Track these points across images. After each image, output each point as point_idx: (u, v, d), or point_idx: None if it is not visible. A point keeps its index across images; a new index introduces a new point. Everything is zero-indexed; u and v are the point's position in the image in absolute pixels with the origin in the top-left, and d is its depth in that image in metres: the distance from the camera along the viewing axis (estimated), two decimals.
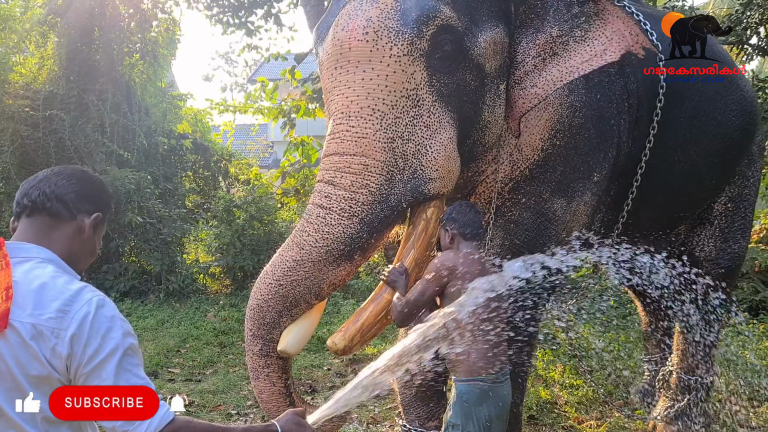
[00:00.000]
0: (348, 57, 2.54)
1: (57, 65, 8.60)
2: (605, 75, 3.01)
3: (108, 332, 1.33)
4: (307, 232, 2.52)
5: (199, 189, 11.02)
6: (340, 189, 2.50)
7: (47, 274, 1.38)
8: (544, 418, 4.23)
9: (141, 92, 9.66)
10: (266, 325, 2.55)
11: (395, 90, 2.50)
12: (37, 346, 1.29)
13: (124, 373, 1.33)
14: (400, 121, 2.51)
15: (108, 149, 8.45)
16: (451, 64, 2.60)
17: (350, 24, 2.53)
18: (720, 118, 3.47)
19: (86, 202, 1.52)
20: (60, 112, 8.12)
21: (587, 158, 2.97)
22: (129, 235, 8.54)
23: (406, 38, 2.49)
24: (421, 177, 2.53)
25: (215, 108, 11.42)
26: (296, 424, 1.58)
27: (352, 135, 2.50)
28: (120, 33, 9.16)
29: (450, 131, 2.60)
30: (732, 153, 3.62)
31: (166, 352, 5.88)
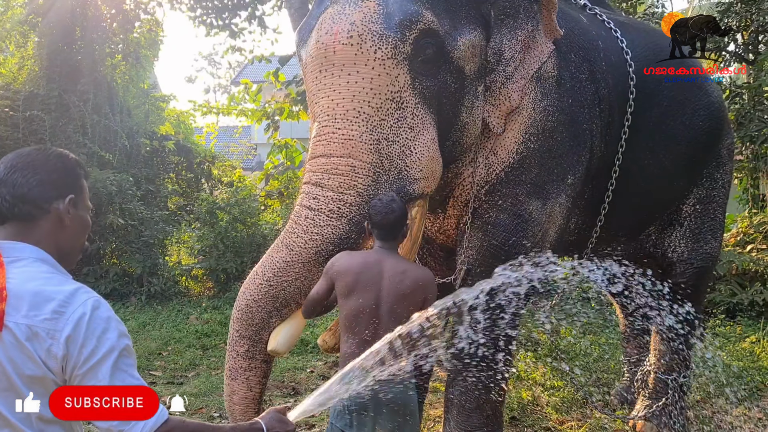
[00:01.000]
0: (333, 60, 2.57)
1: (38, 65, 8.53)
2: (576, 81, 3.10)
3: (104, 333, 1.32)
4: (296, 234, 2.55)
5: (182, 191, 10.96)
6: (328, 190, 2.53)
7: (41, 274, 1.37)
8: (526, 419, 4.26)
9: (123, 93, 9.60)
10: (255, 326, 2.56)
11: (380, 93, 2.55)
12: (32, 347, 1.29)
13: (120, 374, 1.33)
14: (385, 123, 2.56)
15: (89, 150, 8.38)
16: (433, 67, 2.66)
17: (334, 27, 2.56)
18: (688, 123, 3.58)
19: (53, 189, 1.44)
20: (40, 112, 8.05)
21: (561, 161, 3.05)
22: (110, 237, 8.47)
23: (390, 42, 2.53)
24: (406, 177, 2.58)
25: (198, 110, 11.36)
26: (279, 422, 1.60)
27: (339, 137, 2.54)
28: (102, 33, 9.10)
29: (432, 132, 2.66)
30: (699, 156, 3.72)
31: (147, 354, 5.84)
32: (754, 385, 4.97)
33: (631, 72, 3.33)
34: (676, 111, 3.55)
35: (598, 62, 3.21)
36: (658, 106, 3.46)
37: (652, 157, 3.48)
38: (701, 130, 3.64)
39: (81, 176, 1.52)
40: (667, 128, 3.52)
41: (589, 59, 3.17)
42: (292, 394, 4.87)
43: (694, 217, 3.88)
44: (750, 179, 8.54)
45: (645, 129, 3.39)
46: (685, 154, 3.63)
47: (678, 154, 3.59)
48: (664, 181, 3.62)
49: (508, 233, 2.96)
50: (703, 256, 3.92)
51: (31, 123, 8.01)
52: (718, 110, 3.80)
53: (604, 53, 3.26)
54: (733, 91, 7.68)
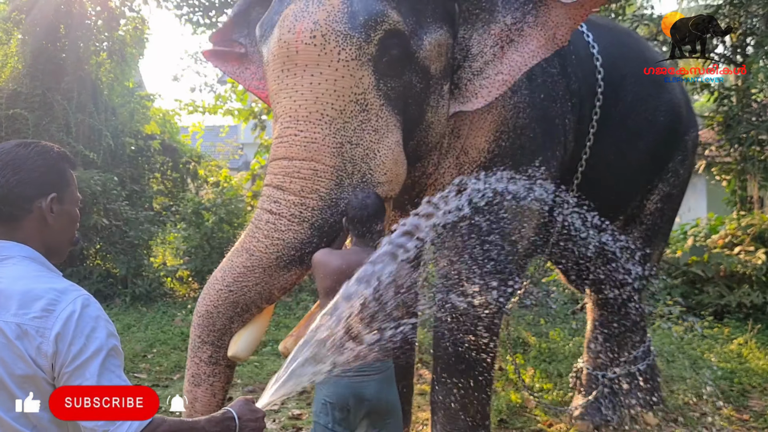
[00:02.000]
0: (295, 60, 2.51)
1: (21, 63, 8.41)
2: (548, 75, 3.08)
3: (92, 332, 1.33)
4: (257, 238, 2.51)
5: (167, 191, 10.85)
6: (290, 194, 2.49)
7: (30, 273, 1.38)
8: (515, 422, 4.23)
9: (108, 92, 9.49)
10: (216, 331, 2.51)
11: (344, 95, 2.50)
12: (22, 346, 1.29)
13: (108, 374, 1.33)
14: (349, 126, 2.52)
15: (73, 150, 8.25)
16: (398, 68, 2.62)
17: (297, 26, 2.50)
18: (651, 119, 3.65)
19: (34, 189, 1.42)
20: (23, 111, 7.94)
21: (534, 158, 3.02)
22: (94, 238, 8.37)
23: (354, 42, 2.48)
24: (370, 181, 2.54)
25: (184, 108, 11.24)
26: (249, 410, 1.61)
27: (301, 140, 2.49)
28: (87, 31, 8.99)
29: (397, 135, 2.62)
30: (662, 151, 3.79)
31: (132, 357, 5.76)
32: (741, 387, 4.98)
33: (599, 66, 3.35)
34: (638, 107, 3.60)
35: (569, 56, 3.20)
36: (622, 101, 3.49)
37: (617, 152, 3.52)
38: (663, 126, 3.71)
39: (65, 170, 1.50)
40: (631, 123, 3.56)
41: (559, 53, 3.12)
42: None
43: (653, 215, 3.96)
44: (738, 181, 8.58)
45: (611, 124, 3.41)
46: (648, 150, 3.68)
47: (641, 150, 3.64)
48: (628, 175, 3.67)
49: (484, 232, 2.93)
50: (647, 259, 3.93)
51: (14, 121, 7.90)
52: (679, 107, 3.87)
53: (572, 47, 3.24)
54: (722, 93, 7.69)
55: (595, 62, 3.35)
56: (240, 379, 5.15)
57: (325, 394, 2.46)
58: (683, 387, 4.94)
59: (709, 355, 5.77)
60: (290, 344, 2.46)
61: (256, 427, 1.61)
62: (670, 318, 6.81)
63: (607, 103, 3.36)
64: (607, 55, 3.41)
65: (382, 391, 2.51)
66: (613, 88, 3.40)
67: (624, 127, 3.52)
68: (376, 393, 2.49)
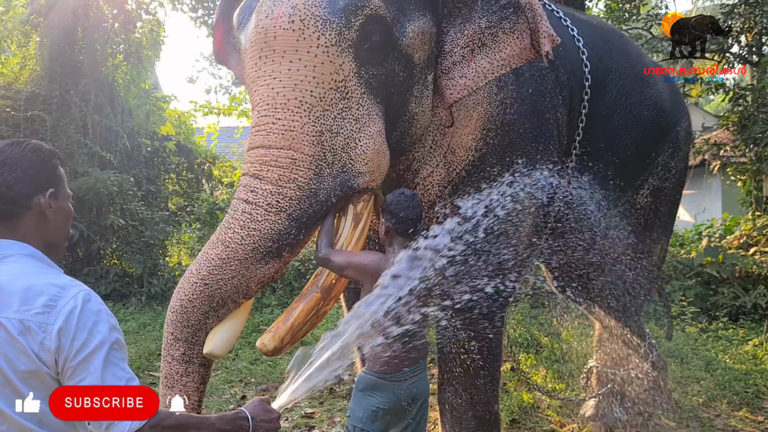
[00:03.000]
0: (273, 46, 2.42)
1: (39, 65, 8.52)
2: (536, 69, 3.01)
3: (95, 326, 1.34)
4: (233, 229, 2.40)
5: (183, 191, 10.95)
6: (267, 183, 2.39)
7: (31, 269, 1.39)
8: (527, 422, 4.24)
9: (124, 93, 9.60)
10: (190, 327, 2.39)
11: (323, 81, 2.41)
12: (25, 342, 1.30)
13: (111, 367, 1.34)
14: (329, 114, 2.43)
15: (90, 151, 8.37)
16: (380, 55, 2.53)
17: (275, 11, 2.42)
18: (635, 113, 3.61)
19: (32, 185, 1.44)
20: (42, 112, 8.04)
21: (524, 154, 2.94)
22: (111, 238, 8.47)
23: (334, 28, 2.40)
24: (351, 171, 2.45)
25: (199, 110, 11.37)
26: (264, 410, 1.61)
27: (279, 128, 2.40)
28: (104, 34, 9.10)
29: (379, 124, 2.54)
30: (649, 145, 3.74)
31: (147, 355, 5.82)
32: (756, 389, 4.94)
33: (585, 59, 3.30)
34: (623, 101, 3.55)
35: (556, 48, 3.14)
36: (607, 95, 3.46)
37: (606, 147, 3.48)
38: (648, 120, 3.67)
39: (57, 166, 1.51)
40: (617, 117, 3.52)
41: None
42: None
43: (644, 209, 3.92)
44: (753, 181, 8.52)
45: (598, 117, 3.38)
46: (634, 144, 3.64)
47: (627, 143, 3.60)
48: (617, 170, 3.61)
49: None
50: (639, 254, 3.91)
51: (32, 123, 8.01)
52: (663, 100, 3.84)
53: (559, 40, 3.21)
54: (737, 93, 7.64)
55: (582, 56, 3.29)
56: (254, 378, 5.20)
57: (378, 402, 2.45)
58: (697, 388, 4.92)
59: (724, 356, 5.73)
60: (268, 341, 2.37)
61: (270, 428, 1.61)
62: (684, 319, 6.78)
63: (594, 98, 3.31)
64: (593, 49, 3.37)
65: (426, 385, 2.59)
66: (598, 82, 3.35)
67: (610, 122, 3.48)
68: (425, 388, 2.57)
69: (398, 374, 2.47)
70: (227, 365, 5.54)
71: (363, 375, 2.53)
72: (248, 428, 1.56)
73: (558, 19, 3.39)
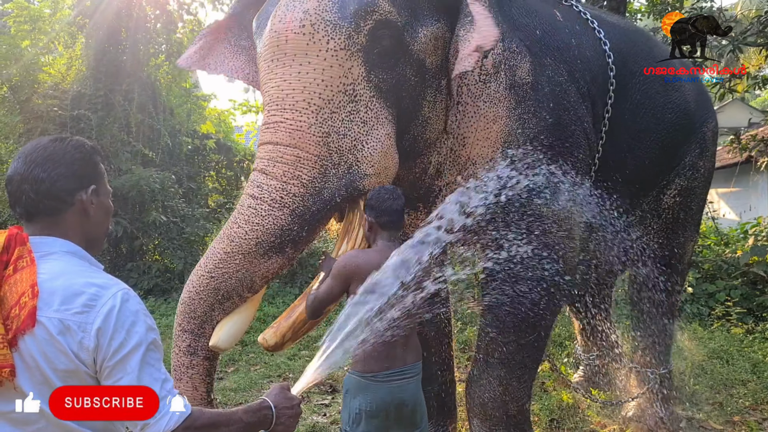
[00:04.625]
0: (284, 49, 2.48)
1: (85, 66, 8.72)
2: (556, 84, 2.98)
3: (132, 326, 1.35)
4: (238, 224, 2.45)
5: (222, 189, 11.11)
6: (272, 179, 2.44)
7: (72, 267, 1.40)
8: (567, 422, 4.19)
9: (166, 93, 9.78)
10: (196, 319, 2.45)
11: (332, 85, 2.46)
12: (64, 341, 1.31)
13: (148, 368, 1.36)
14: (336, 116, 2.47)
15: (133, 149, 8.55)
16: (390, 60, 2.56)
17: (287, 16, 2.48)
18: (659, 116, 3.59)
19: (75, 181, 1.45)
20: (87, 111, 8.24)
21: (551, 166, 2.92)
22: (153, 234, 8.63)
23: (343, 32, 2.44)
24: (357, 172, 2.48)
25: (238, 108, 11.51)
26: (285, 398, 1.64)
27: (287, 126, 2.45)
28: (146, 34, 9.28)
29: (387, 127, 2.56)
30: (673, 148, 3.74)
31: None
32: None
33: (611, 63, 3.27)
34: (646, 105, 3.53)
35: (575, 61, 3.11)
36: (631, 99, 3.43)
37: (628, 150, 3.47)
38: (672, 124, 3.65)
39: (99, 163, 1.53)
40: (640, 120, 3.50)
41: (565, 60, 3.06)
42: (330, 392, 4.88)
43: (672, 209, 3.91)
44: None
45: (620, 122, 3.36)
46: (659, 147, 3.62)
47: (651, 147, 3.59)
48: (639, 172, 3.62)
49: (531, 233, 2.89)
50: (671, 251, 3.96)
51: (78, 122, 8.21)
52: (688, 102, 3.81)
53: (578, 50, 3.17)
54: None
55: (607, 59, 3.27)
56: (292, 373, 5.24)
57: (360, 404, 2.40)
58: (743, 390, 4.80)
59: None
60: (269, 336, 2.42)
61: (292, 414, 1.64)
62: (729, 319, 6.61)
63: (617, 102, 3.31)
64: (618, 53, 3.35)
65: (418, 393, 2.48)
66: (622, 86, 3.35)
67: (633, 125, 3.47)
68: (414, 396, 2.45)
69: (381, 374, 2.38)
70: (266, 360, 5.61)
71: (347, 375, 2.47)
72: (272, 417, 1.58)
73: (585, 22, 3.37)
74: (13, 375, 1.30)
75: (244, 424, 1.52)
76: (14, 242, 1.38)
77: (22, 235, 1.40)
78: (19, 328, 1.30)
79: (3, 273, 1.35)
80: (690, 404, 4.55)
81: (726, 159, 11.16)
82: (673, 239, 3.98)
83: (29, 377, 1.32)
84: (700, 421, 4.28)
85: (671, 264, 4.06)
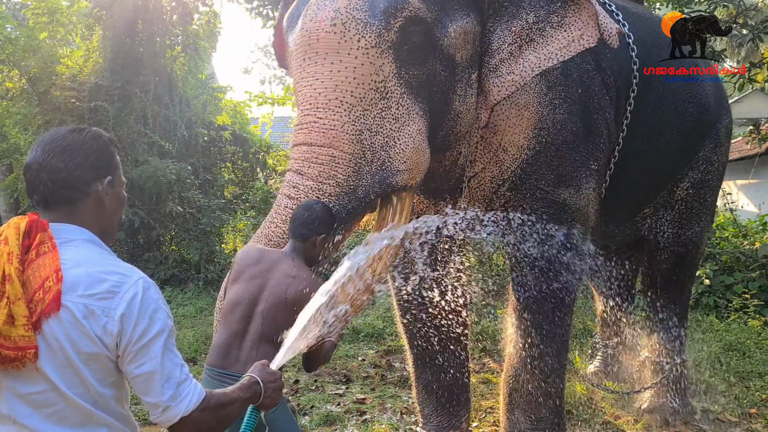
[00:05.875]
0: (316, 48, 2.52)
1: (102, 57, 8.79)
2: (584, 71, 3.03)
3: (155, 313, 1.40)
4: (275, 223, 2.53)
5: (238, 180, 11.16)
6: (308, 179, 2.49)
7: (93, 255, 1.43)
8: (581, 414, 4.18)
9: (182, 84, 9.82)
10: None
11: (363, 82, 2.50)
12: (88, 325, 1.35)
13: (168, 353, 1.41)
14: (368, 114, 2.51)
15: (150, 140, 8.61)
16: (421, 56, 2.59)
17: (318, 14, 2.52)
18: (680, 110, 3.65)
19: (92, 172, 1.47)
20: (104, 103, 8.31)
21: (578, 150, 3.01)
22: (169, 225, 8.71)
23: (374, 30, 2.47)
24: (389, 169, 2.52)
25: (254, 100, 11.54)
26: (268, 373, 1.73)
27: (320, 126, 2.50)
28: (162, 26, 9.32)
29: (419, 123, 2.59)
30: (692, 141, 3.81)
31: (204, 339, 5.97)
32: None
33: (634, 57, 3.29)
34: (668, 98, 3.58)
35: (602, 50, 3.13)
36: (653, 91, 3.46)
37: (648, 142, 3.51)
38: (692, 118, 3.70)
39: (115, 154, 1.55)
40: (662, 114, 3.54)
41: (592, 48, 3.09)
42: (344, 381, 4.91)
43: (686, 201, 3.96)
44: None
45: (642, 115, 3.38)
46: (678, 140, 3.68)
47: (671, 140, 3.64)
48: (658, 164, 3.68)
49: (550, 219, 2.94)
50: (685, 241, 4.02)
51: (95, 113, 8.28)
52: (708, 97, 3.87)
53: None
54: None
55: (631, 53, 3.29)
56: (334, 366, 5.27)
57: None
58: (760, 383, 4.76)
59: None
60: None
61: (276, 387, 1.73)
62: (746, 312, 6.55)
63: (640, 94, 3.33)
64: (642, 45, 3.36)
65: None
66: (646, 79, 3.36)
67: (655, 118, 3.50)
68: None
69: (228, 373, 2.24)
70: None
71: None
72: (260, 391, 1.67)
73: (610, 13, 3.37)
74: (36, 357, 1.34)
75: (242, 400, 1.62)
76: (36, 228, 1.41)
77: (43, 221, 1.43)
78: (43, 312, 1.34)
79: (25, 257, 1.38)
80: (705, 396, 4.53)
81: (745, 150, 11.02)
82: (688, 229, 4.02)
83: (52, 359, 1.35)
84: (716, 413, 4.26)
85: (685, 254, 4.09)
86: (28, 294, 1.35)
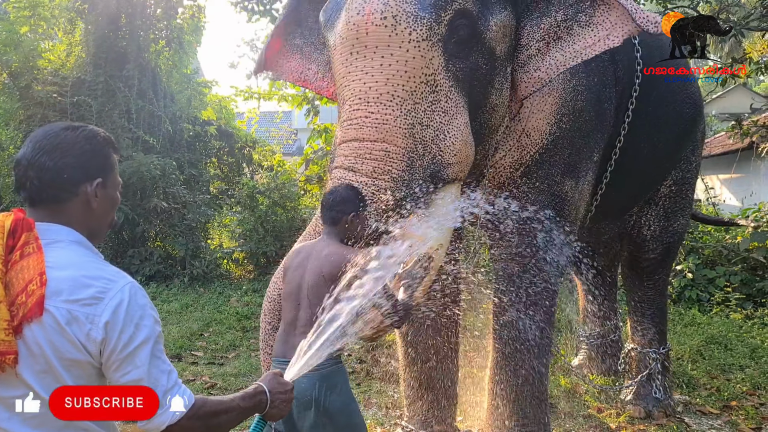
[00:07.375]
0: (365, 42, 2.50)
1: (85, 52, 8.71)
2: (600, 60, 3.06)
3: (141, 320, 1.36)
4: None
5: (224, 175, 11.09)
6: (362, 176, 2.47)
7: (79, 258, 1.40)
8: (564, 406, 4.22)
9: (167, 79, 9.74)
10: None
11: (414, 76, 2.49)
12: (71, 331, 1.32)
13: (156, 361, 1.37)
14: (419, 107, 2.50)
15: (134, 135, 8.55)
16: (466, 49, 2.60)
17: (366, 8, 2.50)
18: (678, 109, 3.76)
19: (81, 173, 1.44)
20: (87, 98, 8.24)
21: (589, 139, 3.07)
22: (154, 220, 8.65)
23: (425, 23, 2.47)
24: (440, 162, 2.52)
25: (240, 95, 11.37)
26: (278, 383, 1.68)
27: (372, 121, 2.48)
28: (146, 20, 9.25)
29: (465, 116, 2.61)
30: (682, 141, 3.93)
31: (189, 335, 5.96)
32: None
33: (638, 57, 3.34)
34: (668, 99, 3.66)
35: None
36: (655, 90, 3.52)
37: (647, 141, 3.57)
38: (687, 118, 3.83)
39: (110, 155, 1.51)
40: (662, 113, 3.61)
41: None
42: None
43: (670, 197, 4.13)
44: None
45: (644, 113, 3.43)
46: (673, 139, 3.79)
47: (668, 139, 3.73)
48: (654, 163, 3.76)
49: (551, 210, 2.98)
50: (672, 233, 4.21)
51: (78, 108, 8.21)
52: (699, 98, 4.08)
53: None
54: None
55: (635, 53, 3.32)
56: None
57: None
58: (741, 376, 4.82)
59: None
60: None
61: (286, 399, 1.67)
62: (728, 305, 6.63)
63: (643, 93, 3.37)
64: (646, 46, 3.40)
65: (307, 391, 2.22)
66: (648, 78, 3.40)
67: (656, 117, 3.55)
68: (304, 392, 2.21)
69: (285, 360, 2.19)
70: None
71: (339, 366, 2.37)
72: (266, 401, 1.62)
73: None
74: (16, 362, 1.30)
75: (241, 409, 1.55)
76: (21, 227, 1.37)
77: (29, 220, 1.39)
78: (25, 316, 1.30)
79: (9, 258, 1.34)
80: (687, 389, 4.58)
81: (728, 145, 11.11)
82: (674, 221, 4.18)
83: (32, 365, 1.32)
84: (697, 406, 4.31)
85: (673, 243, 4.27)
86: (10, 297, 1.31)
